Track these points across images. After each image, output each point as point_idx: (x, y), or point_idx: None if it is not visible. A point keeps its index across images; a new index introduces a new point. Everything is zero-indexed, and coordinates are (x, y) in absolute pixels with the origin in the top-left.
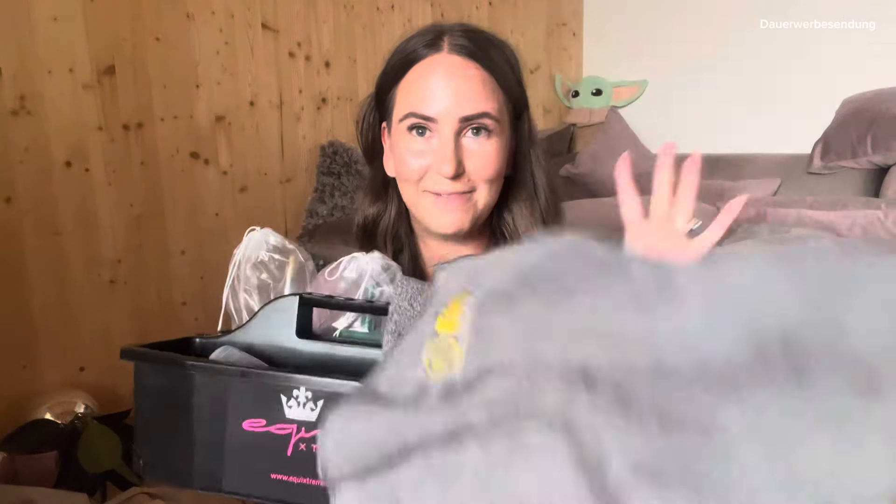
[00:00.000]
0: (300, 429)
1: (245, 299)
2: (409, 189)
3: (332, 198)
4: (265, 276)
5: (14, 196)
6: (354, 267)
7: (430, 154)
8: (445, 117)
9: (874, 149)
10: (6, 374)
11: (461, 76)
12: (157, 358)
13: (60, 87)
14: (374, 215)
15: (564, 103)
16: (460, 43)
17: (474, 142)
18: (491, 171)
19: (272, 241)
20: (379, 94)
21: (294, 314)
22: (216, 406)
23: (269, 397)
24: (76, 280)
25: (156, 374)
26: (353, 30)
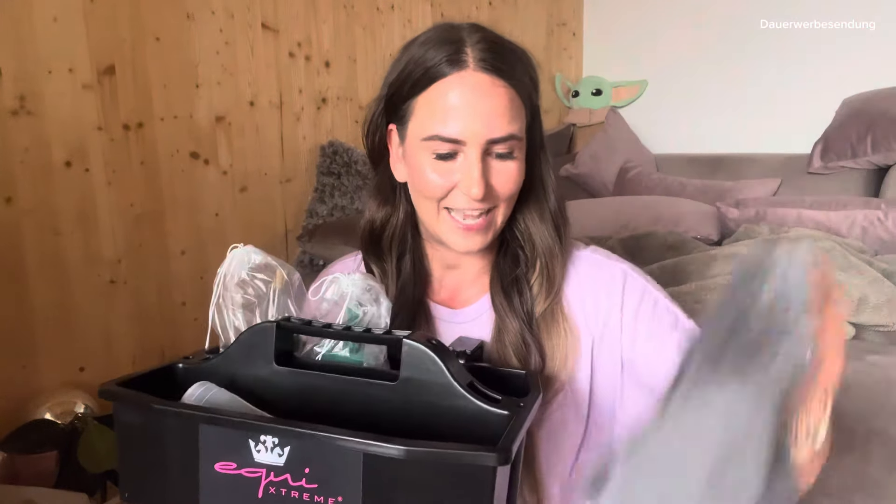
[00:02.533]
0: (269, 473)
1: (231, 318)
2: (427, 205)
3: (332, 198)
4: (250, 293)
5: (14, 196)
6: (335, 289)
7: (455, 173)
8: (473, 139)
9: (874, 149)
10: (6, 374)
11: (489, 95)
12: (131, 399)
13: (60, 87)
14: (382, 219)
15: (564, 103)
16: (485, 57)
17: (498, 162)
18: (514, 189)
19: (255, 259)
20: (391, 100)
21: (272, 341)
22: (189, 448)
23: (238, 442)
24: (76, 280)
25: (132, 414)
26: (353, 30)
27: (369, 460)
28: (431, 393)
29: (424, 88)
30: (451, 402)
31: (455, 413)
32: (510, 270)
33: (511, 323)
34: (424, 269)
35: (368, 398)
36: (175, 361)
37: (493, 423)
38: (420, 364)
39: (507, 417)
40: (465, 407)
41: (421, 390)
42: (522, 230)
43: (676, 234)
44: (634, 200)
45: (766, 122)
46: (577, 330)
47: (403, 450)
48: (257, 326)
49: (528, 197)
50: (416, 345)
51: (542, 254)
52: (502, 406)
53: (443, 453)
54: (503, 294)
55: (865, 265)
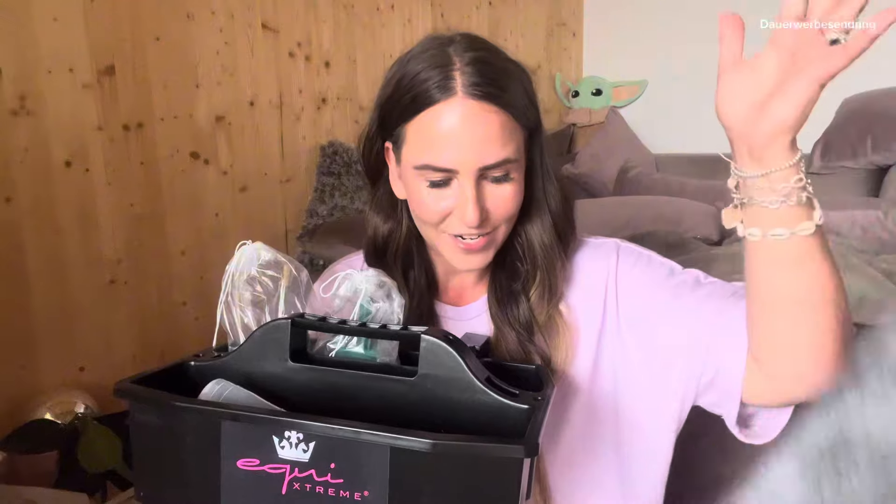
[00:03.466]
0: (293, 468)
1: (239, 315)
2: (425, 228)
3: (332, 198)
4: (259, 290)
5: (14, 196)
6: (349, 285)
7: (450, 198)
8: (465, 167)
9: (874, 149)
10: (6, 374)
11: (480, 123)
12: (150, 397)
13: (60, 87)
14: (385, 234)
15: (564, 103)
16: (474, 81)
17: (494, 186)
18: (512, 210)
19: (264, 256)
20: (384, 121)
21: (287, 338)
22: (210, 445)
23: (262, 438)
24: (76, 280)
25: (149, 412)
26: (353, 30)
27: (396, 454)
28: (450, 388)
29: (415, 115)
30: (469, 396)
31: (474, 408)
32: (507, 283)
33: (508, 333)
34: (432, 275)
35: (385, 394)
36: (186, 359)
37: (512, 417)
38: (438, 359)
39: (528, 411)
40: (483, 401)
41: (439, 385)
42: (522, 242)
43: (676, 234)
44: (634, 200)
45: None
46: (578, 325)
47: (431, 443)
48: (272, 323)
49: (529, 209)
50: (435, 340)
51: (543, 264)
52: (521, 400)
53: (471, 446)
54: (498, 306)
55: (865, 265)
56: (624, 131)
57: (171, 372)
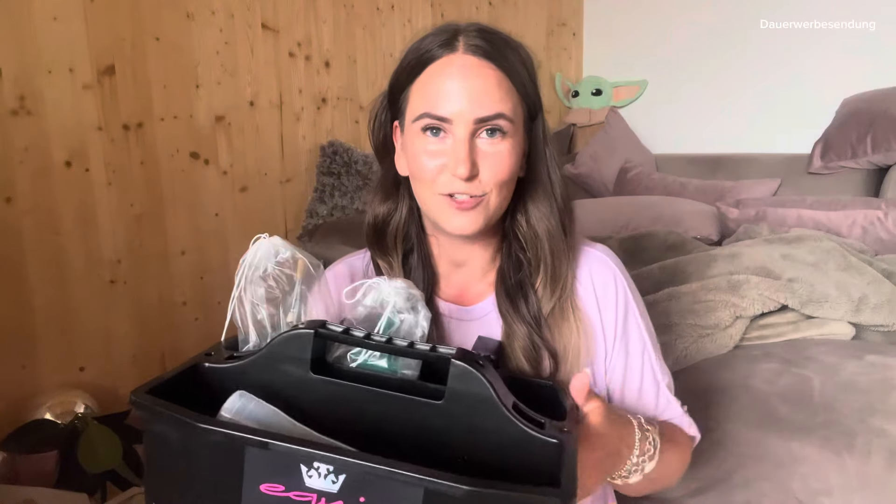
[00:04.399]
0: (321, 498)
1: (252, 311)
2: (423, 189)
3: (332, 198)
4: (273, 286)
5: (14, 196)
6: (375, 295)
7: (445, 155)
8: (460, 118)
9: (874, 149)
10: (6, 374)
11: (476, 76)
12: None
13: (60, 87)
14: (384, 214)
15: (564, 103)
16: (476, 43)
17: (488, 143)
18: (505, 173)
19: (282, 252)
20: (392, 92)
21: (309, 349)
22: (232, 467)
23: (289, 465)
24: (76, 280)
25: (167, 427)
26: (353, 30)
27: (429, 496)
28: (476, 414)
29: (418, 74)
30: (495, 424)
31: (499, 436)
32: (514, 275)
33: (519, 328)
34: (431, 267)
35: (410, 414)
36: (199, 360)
37: (537, 449)
38: (467, 385)
39: (556, 446)
40: (509, 430)
41: (465, 411)
42: (525, 231)
43: (676, 234)
44: (634, 200)
45: (766, 122)
46: (590, 328)
47: (468, 490)
48: (293, 333)
49: (535, 194)
50: (464, 366)
51: (548, 253)
52: (548, 432)
53: (509, 495)
54: (508, 300)
55: (865, 265)
56: (624, 131)
57: (185, 375)
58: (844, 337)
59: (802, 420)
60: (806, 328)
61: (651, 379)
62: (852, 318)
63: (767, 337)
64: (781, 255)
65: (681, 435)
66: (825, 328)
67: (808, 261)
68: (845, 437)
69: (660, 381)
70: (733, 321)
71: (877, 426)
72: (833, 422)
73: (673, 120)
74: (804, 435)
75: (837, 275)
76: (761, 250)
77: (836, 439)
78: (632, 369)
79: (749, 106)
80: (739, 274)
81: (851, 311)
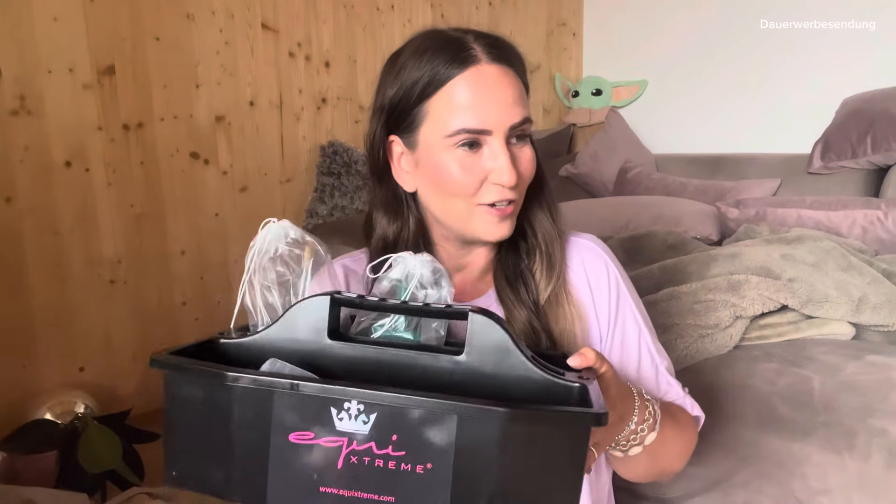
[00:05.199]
0: (351, 441)
1: (262, 295)
2: (456, 203)
3: (332, 198)
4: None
5: (14, 196)
6: (402, 269)
7: (483, 166)
8: (498, 128)
9: (874, 149)
10: (6, 374)
11: (505, 84)
12: (195, 369)
13: (60, 87)
14: (395, 232)
15: (564, 103)
16: (492, 51)
17: (518, 148)
18: (533, 171)
19: (291, 235)
20: (395, 110)
21: (326, 315)
22: (261, 419)
23: (319, 410)
24: (76, 280)
25: (191, 385)
26: (353, 30)
27: (464, 424)
28: (498, 366)
29: (437, 90)
30: (517, 374)
31: (520, 386)
32: (514, 262)
33: (519, 313)
34: None
35: (429, 372)
36: (214, 337)
37: (559, 395)
38: (486, 337)
39: (580, 389)
40: (531, 379)
41: (486, 363)
42: (525, 220)
43: (676, 234)
44: (634, 200)
45: (766, 122)
46: (584, 313)
47: (507, 412)
48: (309, 300)
49: (529, 186)
50: (484, 318)
51: (543, 241)
52: (569, 378)
53: (545, 414)
54: (509, 287)
55: (865, 265)
56: (624, 131)
57: (203, 348)
58: (844, 337)
59: (802, 420)
60: (806, 328)
61: (649, 362)
62: (852, 318)
63: (767, 337)
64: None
65: (683, 415)
66: (825, 328)
67: (808, 261)
68: (845, 437)
69: (658, 365)
70: (733, 321)
71: (877, 426)
72: (833, 422)
73: (673, 120)
74: (804, 435)
75: (837, 275)
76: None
77: (836, 439)
78: (629, 354)
79: (749, 106)
80: (739, 274)
81: (851, 311)
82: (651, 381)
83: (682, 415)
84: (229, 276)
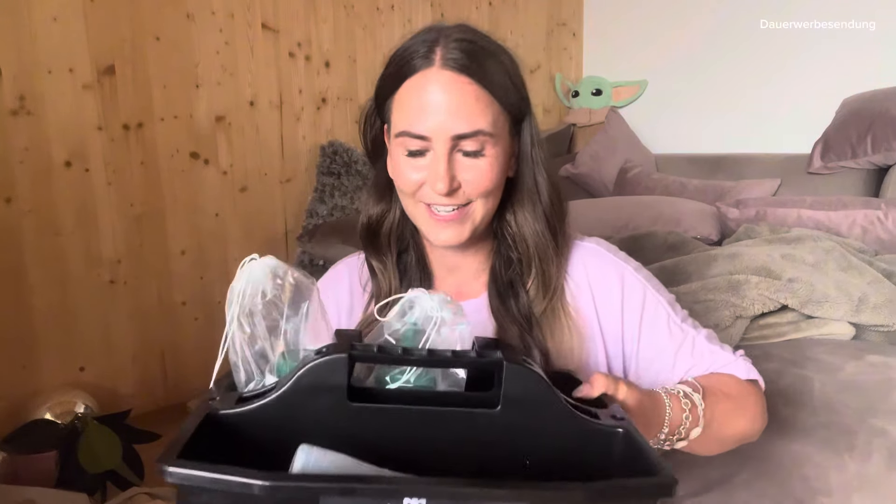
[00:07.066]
0: None
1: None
2: (406, 200)
3: (332, 198)
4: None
5: (14, 196)
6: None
7: (424, 169)
8: (438, 135)
9: (874, 149)
10: (6, 374)
11: (453, 92)
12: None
13: (60, 87)
14: (378, 215)
15: (564, 103)
16: (453, 56)
17: (468, 159)
18: (486, 186)
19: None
20: (378, 98)
21: (345, 375)
22: None
23: None
24: (76, 280)
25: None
26: (353, 30)
27: None
28: (533, 415)
29: (399, 86)
30: (554, 422)
31: (558, 433)
32: (504, 273)
33: (510, 328)
34: (427, 267)
35: (462, 428)
36: (205, 410)
37: (597, 441)
38: (522, 386)
39: (623, 435)
40: (569, 426)
41: (522, 414)
42: (514, 232)
43: (676, 234)
44: (634, 200)
45: (766, 122)
46: (584, 325)
47: (585, 493)
48: (324, 360)
49: (521, 197)
50: (520, 367)
51: (536, 255)
52: (606, 423)
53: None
54: (499, 299)
55: (865, 265)
56: (624, 131)
57: (203, 428)
58: (844, 337)
59: (803, 420)
60: (806, 328)
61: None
62: (852, 318)
63: (767, 337)
64: (781, 255)
65: (734, 384)
66: (825, 328)
67: (808, 261)
68: (845, 437)
69: (694, 338)
70: (733, 321)
71: (877, 426)
72: (833, 422)
73: (673, 120)
74: (804, 435)
75: (837, 275)
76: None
77: (836, 439)
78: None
79: (749, 106)
80: (739, 274)
81: (851, 311)
82: (688, 359)
83: (734, 385)
84: (229, 276)
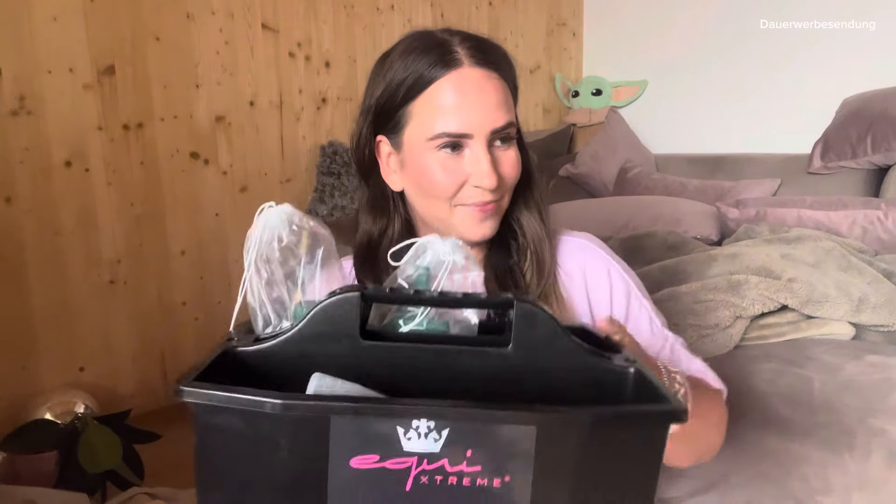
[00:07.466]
0: (421, 461)
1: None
2: (438, 204)
3: (332, 198)
4: (290, 260)
5: (14, 196)
6: (431, 255)
7: (464, 169)
8: (479, 131)
9: (874, 149)
10: (6, 374)
11: (488, 88)
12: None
13: (60, 87)
14: (379, 231)
15: (564, 103)
16: (475, 54)
17: (501, 151)
18: (517, 173)
19: (295, 220)
20: (381, 109)
21: (357, 314)
22: (316, 446)
23: (384, 431)
24: (76, 280)
25: (227, 414)
26: (353, 30)
27: (544, 432)
28: (544, 355)
29: (420, 92)
30: (565, 361)
31: (569, 374)
32: (503, 261)
33: None
34: None
35: (474, 368)
36: (223, 347)
37: (608, 381)
38: (532, 326)
39: (635, 374)
40: (580, 366)
41: (535, 354)
42: (513, 220)
43: (676, 234)
44: (634, 200)
45: (766, 122)
46: (577, 313)
47: (591, 415)
48: (337, 298)
49: (517, 187)
50: (528, 306)
51: (532, 240)
52: (618, 363)
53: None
54: (498, 284)
55: (865, 265)
56: (624, 131)
57: (219, 362)
58: (844, 337)
59: (802, 420)
60: (806, 328)
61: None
62: (852, 318)
63: (767, 337)
64: (781, 255)
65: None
66: (825, 328)
67: (808, 261)
68: (845, 437)
69: (673, 343)
70: (733, 321)
71: (877, 426)
72: (833, 422)
73: (673, 120)
74: (804, 435)
75: (837, 275)
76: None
77: (836, 439)
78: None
79: (749, 106)
80: (739, 274)
81: (851, 311)
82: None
83: (709, 390)
84: (229, 276)
